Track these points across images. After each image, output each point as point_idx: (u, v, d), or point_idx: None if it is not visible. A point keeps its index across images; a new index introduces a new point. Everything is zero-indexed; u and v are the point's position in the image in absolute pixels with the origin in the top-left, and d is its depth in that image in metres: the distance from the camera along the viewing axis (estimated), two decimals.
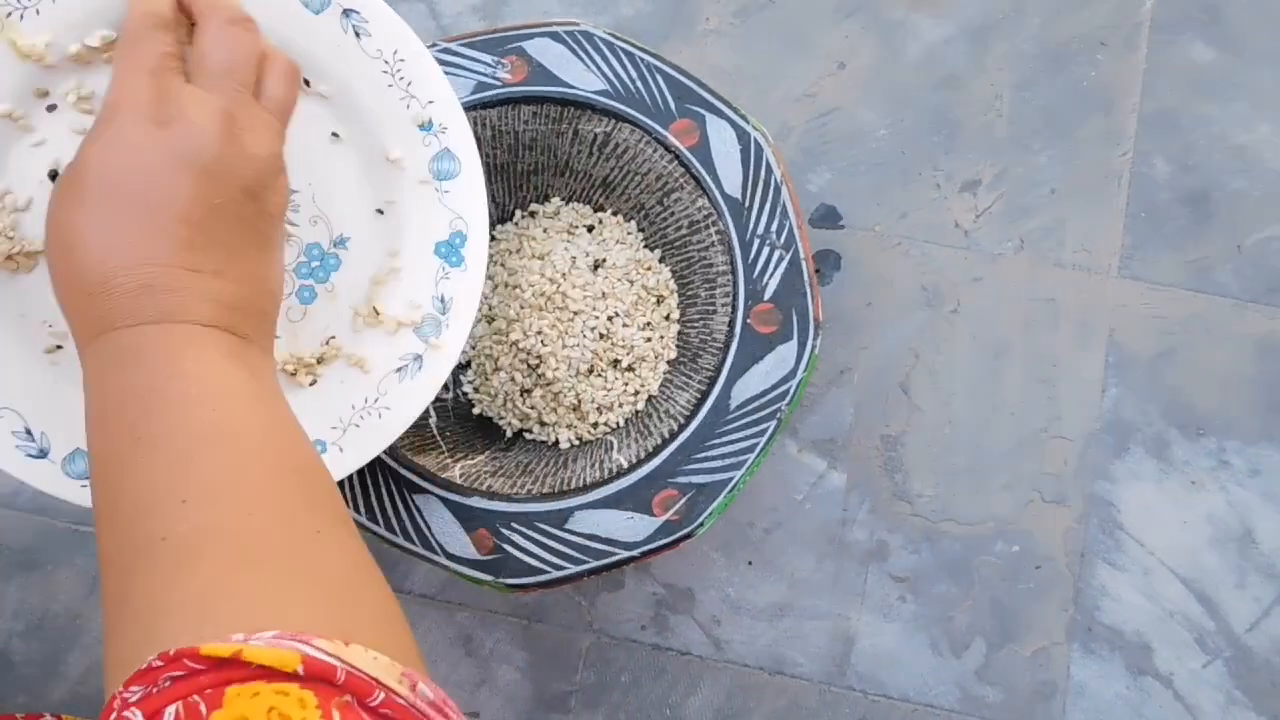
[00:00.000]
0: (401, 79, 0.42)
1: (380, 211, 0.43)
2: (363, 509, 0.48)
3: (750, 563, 0.58)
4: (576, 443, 0.54)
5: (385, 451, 0.48)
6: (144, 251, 0.31)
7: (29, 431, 0.39)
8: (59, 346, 0.40)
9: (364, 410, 0.43)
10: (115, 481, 0.29)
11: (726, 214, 0.50)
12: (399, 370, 0.44)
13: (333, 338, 0.44)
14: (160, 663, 0.24)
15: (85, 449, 0.38)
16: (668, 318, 0.55)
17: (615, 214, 0.56)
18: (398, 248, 0.44)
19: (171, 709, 0.23)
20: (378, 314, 0.44)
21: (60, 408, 0.39)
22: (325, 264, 0.43)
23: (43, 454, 0.39)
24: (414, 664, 0.27)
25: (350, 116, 0.42)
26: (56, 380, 0.40)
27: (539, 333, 0.53)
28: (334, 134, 0.42)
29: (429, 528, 0.47)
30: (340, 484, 0.48)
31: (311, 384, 0.43)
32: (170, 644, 0.24)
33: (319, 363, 0.44)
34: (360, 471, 0.48)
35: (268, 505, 0.29)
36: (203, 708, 0.23)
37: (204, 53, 0.34)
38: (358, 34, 0.41)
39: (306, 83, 0.41)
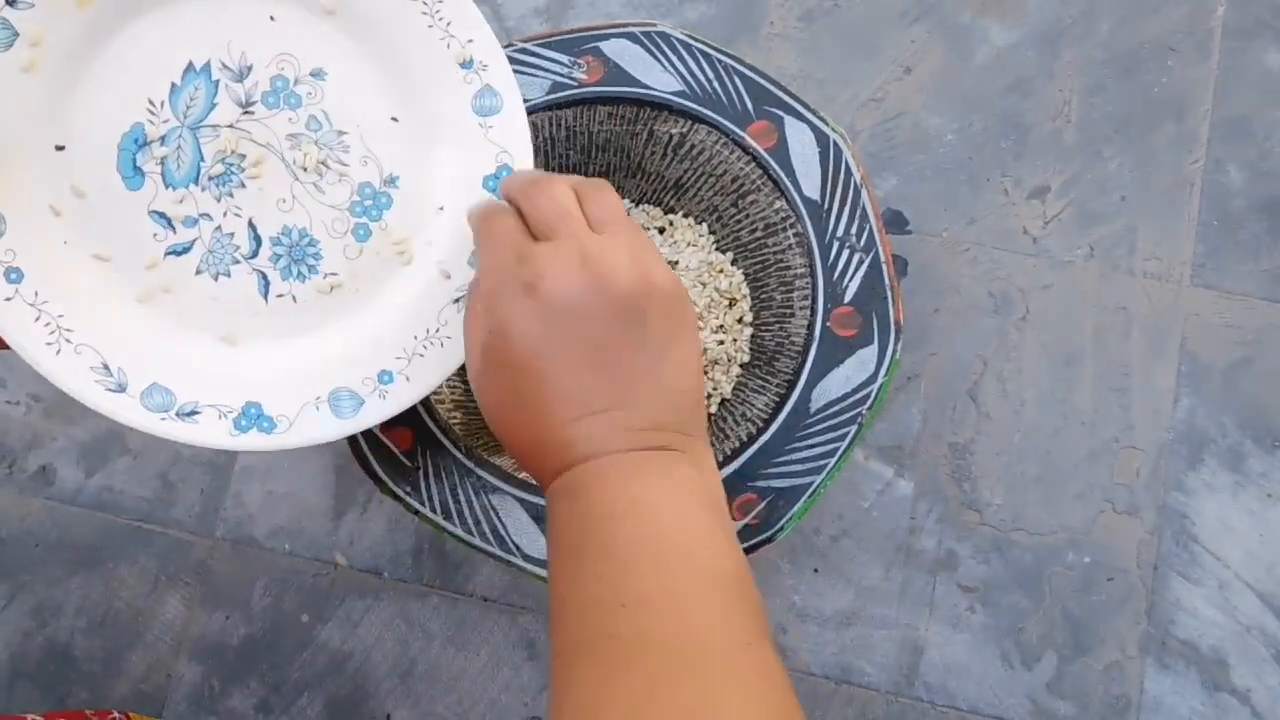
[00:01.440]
0: (441, 19, 0.44)
1: (427, 150, 0.44)
2: (439, 509, 0.47)
3: (817, 570, 0.57)
4: None
5: (462, 452, 0.47)
6: (551, 420, 0.34)
7: (106, 366, 0.41)
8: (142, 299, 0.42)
9: (426, 340, 0.45)
10: (564, 591, 0.33)
11: (805, 216, 0.50)
12: (456, 301, 0.45)
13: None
14: None
15: (161, 384, 0.41)
16: (740, 320, 0.54)
17: (686, 216, 0.56)
18: (447, 184, 0.45)
19: None
20: (434, 248, 0.45)
21: (135, 345, 0.41)
22: (378, 202, 0.44)
23: (121, 388, 0.41)
24: None
25: (392, 58, 0.43)
26: (132, 318, 0.41)
27: None
28: (377, 75, 0.43)
29: (505, 528, 0.47)
30: (416, 484, 0.48)
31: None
32: None
33: (379, 291, 0.45)
34: (437, 473, 0.48)
35: (701, 612, 0.31)
36: None
37: (531, 214, 0.37)
38: None
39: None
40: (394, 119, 0.44)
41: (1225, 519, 0.57)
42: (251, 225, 0.42)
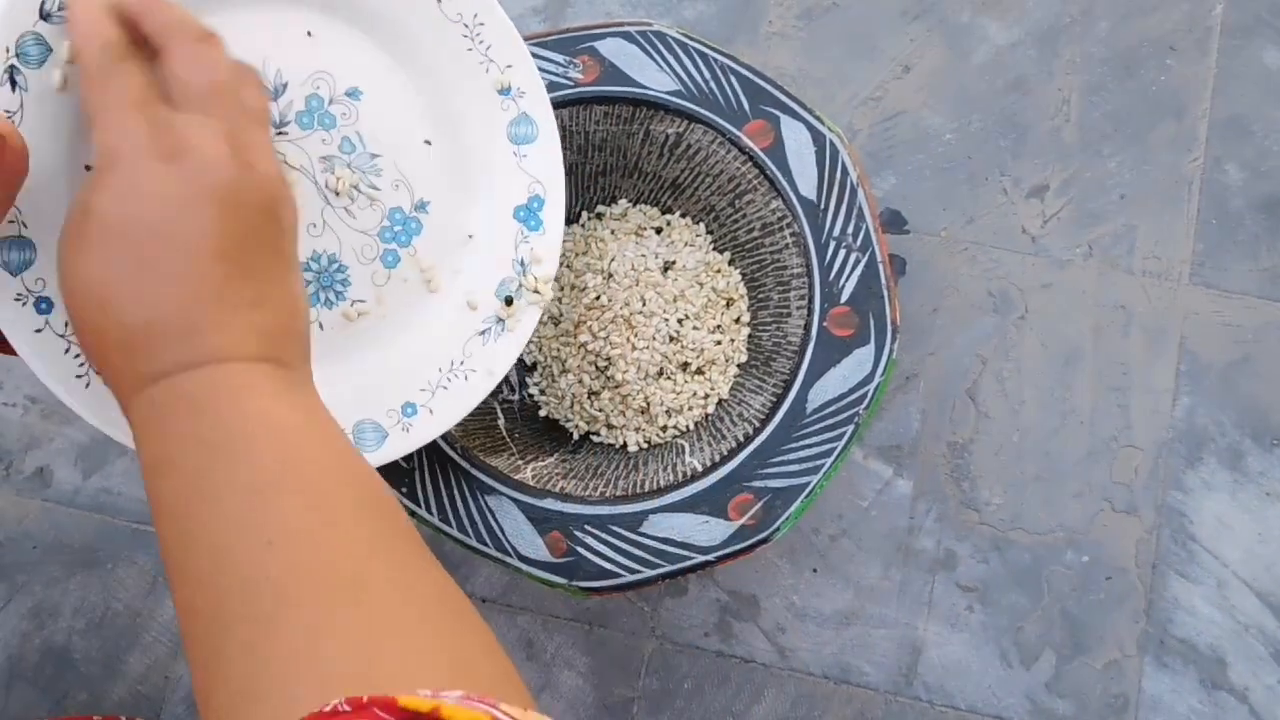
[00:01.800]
0: (481, 43, 0.43)
1: (459, 176, 0.44)
2: (435, 510, 0.47)
3: (815, 570, 0.57)
4: (645, 446, 0.53)
5: (458, 453, 0.47)
6: (183, 294, 0.30)
7: None
8: None
9: (450, 373, 0.44)
10: (187, 532, 0.28)
11: (802, 216, 0.50)
12: (482, 333, 0.44)
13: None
14: (348, 708, 0.23)
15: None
16: (738, 320, 0.54)
17: (684, 216, 0.56)
18: (477, 212, 0.45)
19: None
20: (461, 279, 0.44)
21: None
22: (407, 228, 0.43)
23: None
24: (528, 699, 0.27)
25: (429, 81, 0.42)
26: None
27: (607, 335, 0.53)
28: (413, 97, 0.42)
29: (502, 530, 0.47)
30: (413, 485, 0.48)
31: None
32: (319, 690, 0.24)
33: (406, 319, 0.44)
34: (433, 473, 0.48)
35: (356, 539, 0.28)
36: None
37: (184, 78, 0.32)
38: None
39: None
40: (427, 142, 0.43)
41: (1224, 518, 0.57)
42: None
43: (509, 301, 0.45)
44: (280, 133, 0.40)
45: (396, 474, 0.47)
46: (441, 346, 0.44)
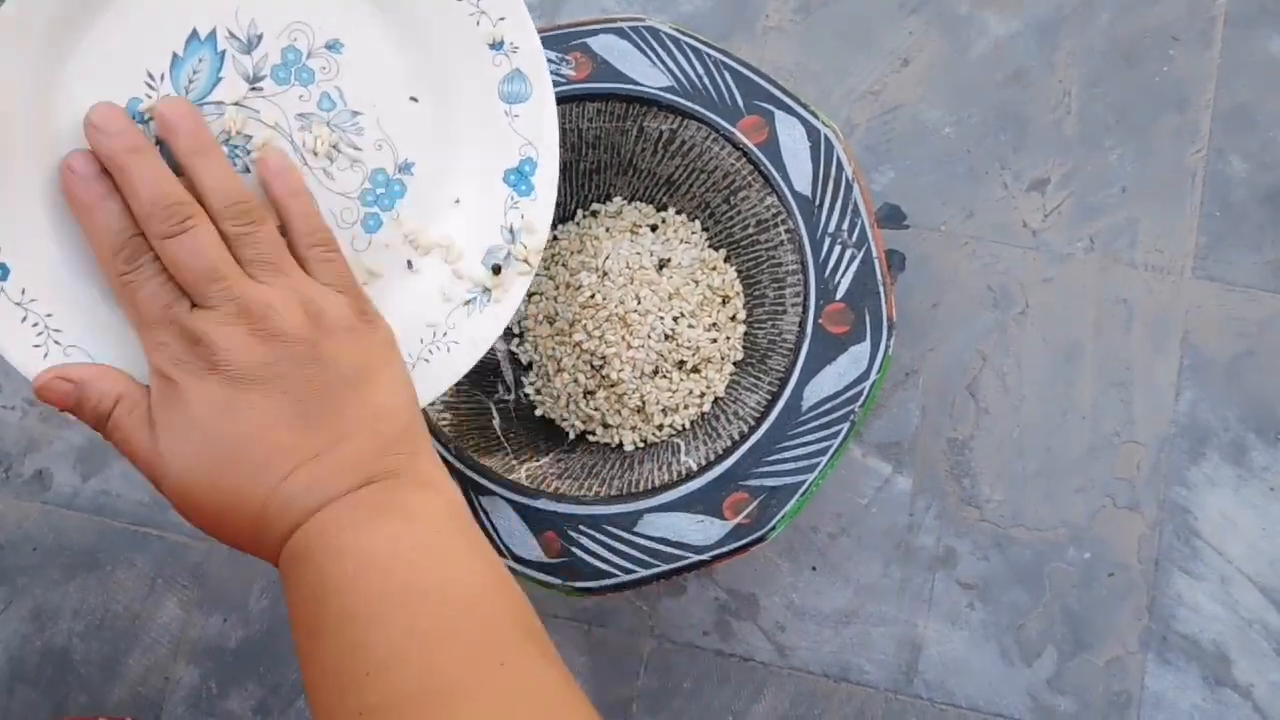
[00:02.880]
0: None
1: (446, 136, 0.41)
2: None
3: (814, 568, 0.57)
4: (641, 445, 0.53)
5: (452, 453, 0.47)
6: (257, 481, 0.32)
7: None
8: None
9: (432, 344, 0.42)
10: (311, 672, 0.31)
11: (796, 212, 0.49)
12: (467, 303, 0.42)
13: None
14: None
15: None
16: (733, 318, 0.54)
17: (679, 213, 0.55)
18: (464, 175, 0.42)
19: None
20: (447, 245, 0.42)
21: (129, 345, 0.38)
22: (390, 191, 0.41)
23: None
24: None
25: (415, 34, 0.40)
26: (122, 314, 0.38)
27: (602, 334, 0.52)
28: (398, 50, 0.40)
29: (495, 530, 0.47)
30: None
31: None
32: None
33: (385, 287, 0.42)
34: None
35: (448, 651, 0.30)
36: None
37: (179, 276, 0.34)
38: None
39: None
40: (413, 99, 0.40)
41: (1227, 513, 0.57)
42: None
43: (496, 270, 0.43)
44: (255, 88, 0.38)
45: None
46: (424, 316, 0.42)
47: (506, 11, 0.40)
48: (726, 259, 0.54)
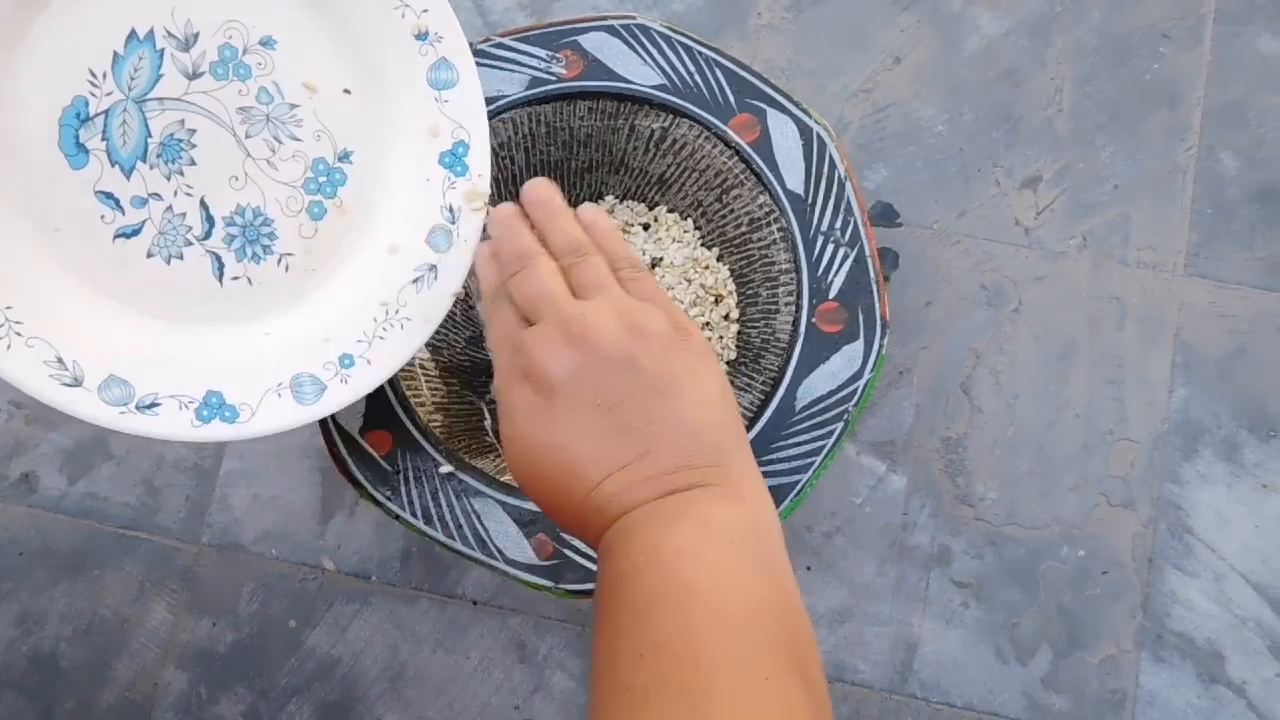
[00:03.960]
0: None
1: (382, 123, 0.43)
2: (419, 514, 0.47)
3: (809, 568, 0.57)
4: None
5: (443, 455, 0.47)
6: (575, 488, 0.35)
7: (60, 360, 0.39)
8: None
9: (386, 322, 0.44)
10: (595, 649, 0.34)
11: (789, 210, 0.49)
12: (415, 281, 0.44)
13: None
14: None
15: (119, 375, 0.40)
16: (726, 317, 0.54)
17: (671, 212, 0.55)
18: (401, 160, 0.44)
19: None
20: (391, 227, 0.44)
21: (89, 336, 0.39)
22: (332, 179, 0.43)
23: (77, 382, 0.39)
24: None
25: (344, 28, 0.42)
26: (83, 307, 0.40)
27: None
28: (329, 44, 0.42)
29: (487, 532, 0.46)
30: (397, 488, 0.47)
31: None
32: None
33: (337, 271, 0.44)
34: (416, 475, 0.47)
35: (714, 652, 0.31)
36: None
37: (518, 302, 0.38)
38: None
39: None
40: (347, 91, 0.42)
41: (1220, 510, 0.57)
42: (204, 205, 0.41)
43: (439, 250, 0.45)
44: (195, 84, 0.40)
45: (381, 478, 0.47)
46: (375, 296, 0.43)
47: (429, 4, 0.42)
48: (719, 258, 0.54)
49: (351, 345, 0.43)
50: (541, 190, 0.41)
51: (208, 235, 0.41)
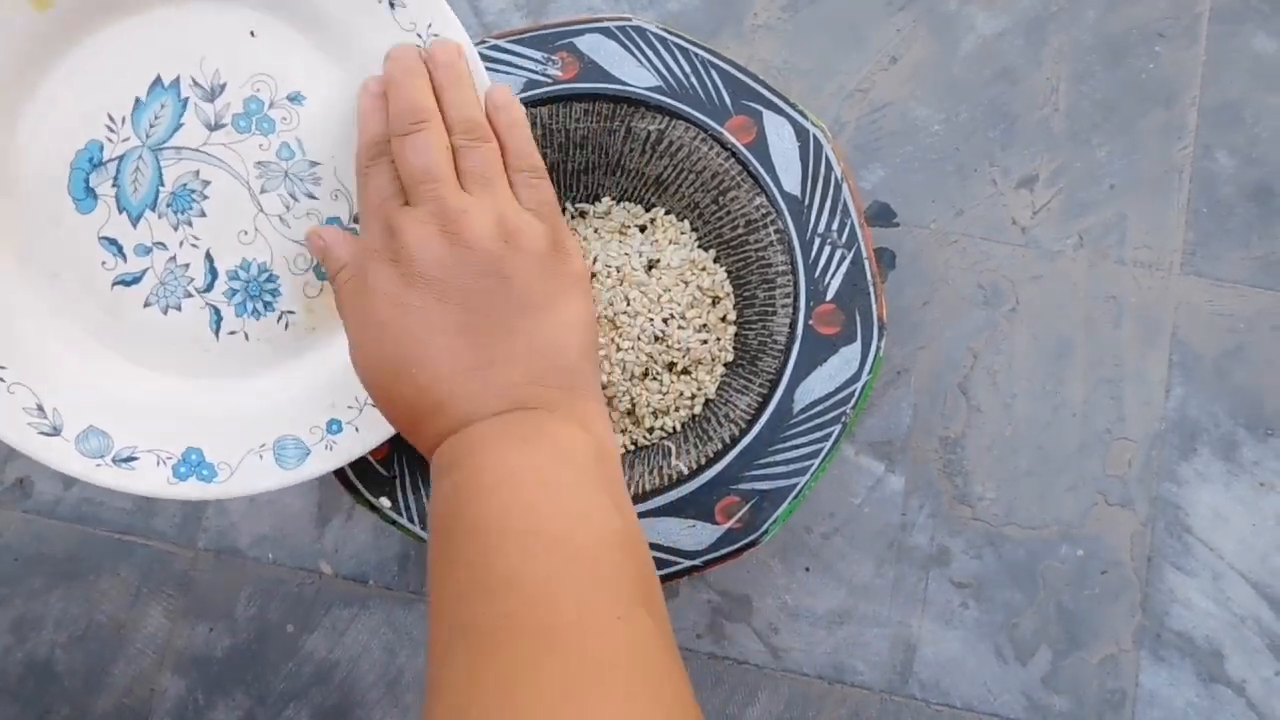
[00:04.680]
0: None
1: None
2: (416, 518, 0.47)
3: (808, 569, 0.57)
4: (632, 448, 0.52)
5: None
6: (423, 378, 0.34)
7: (41, 408, 0.38)
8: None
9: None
10: (435, 577, 0.32)
11: (786, 212, 0.49)
12: None
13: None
14: None
15: (98, 426, 0.39)
16: (724, 319, 0.53)
17: (668, 213, 0.55)
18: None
19: None
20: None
21: (73, 384, 0.38)
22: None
23: (56, 431, 0.38)
24: None
25: None
26: (71, 354, 0.39)
27: None
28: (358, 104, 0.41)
29: None
30: (394, 492, 0.47)
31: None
32: None
33: (337, 334, 0.43)
34: (414, 480, 0.47)
35: (567, 591, 0.30)
36: None
37: (402, 169, 0.37)
38: None
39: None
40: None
41: (1218, 509, 0.57)
42: (209, 257, 0.40)
43: None
44: (215, 136, 0.39)
45: (377, 482, 0.47)
46: None
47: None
48: (716, 260, 0.54)
49: (341, 411, 0.42)
50: (451, 51, 0.38)
51: (209, 288, 0.40)
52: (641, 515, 0.46)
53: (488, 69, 0.50)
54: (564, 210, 0.56)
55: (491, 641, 0.29)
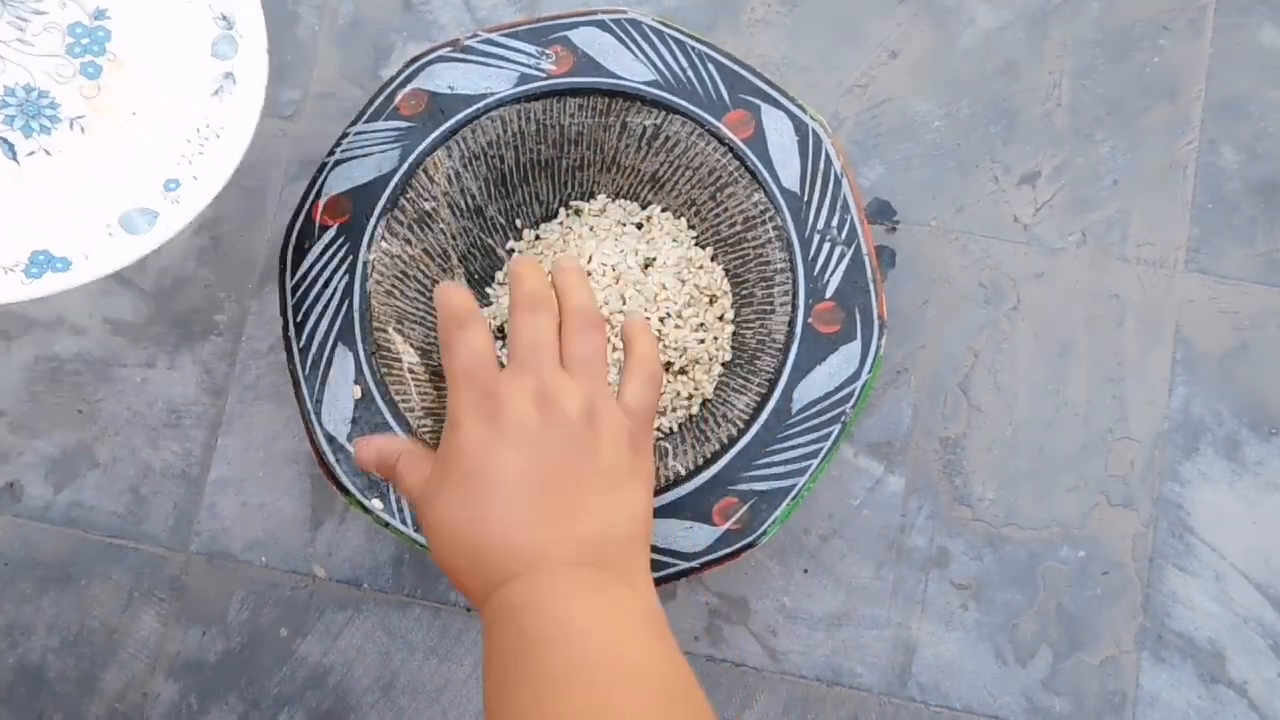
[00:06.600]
0: None
1: None
2: (409, 520, 0.46)
3: (806, 570, 0.56)
4: None
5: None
6: (502, 522, 0.36)
7: None
8: None
9: (200, 138, 0.43)
10: (494, 714, 0.33)
11: (784, 209, 0.48)
12: (216, 93, 0.44)
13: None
14: None
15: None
16: (721, 318, 0.53)
17: (665, 210, 0.54)
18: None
19: None
20: (177, 45, 0.44)
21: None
22: (95, 38, 0.43)
23: None
24: None
25: None
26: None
27: None
28: None
29: None
30: (387, 495, 0.46)
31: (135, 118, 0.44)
32: None
33: (135, 115, 0.44)
34: None
35: None
36: None
37: (511, 337, 0.41)
38: None
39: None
40: None
41: (1221, 509, 0.56)
42: None
43: (228, 59, 0.44)
44: None
45: (370, 485, 0.46)
46: (181, 117, 0.43)
47: None
48: (713, 257, 0.53)
49: (172, 169, 0.43)
50: (574, 262, 0.44)
51: None
52: None
53: (481, 64, 0.50)
54: (559, 208, 0.55)
55: None
